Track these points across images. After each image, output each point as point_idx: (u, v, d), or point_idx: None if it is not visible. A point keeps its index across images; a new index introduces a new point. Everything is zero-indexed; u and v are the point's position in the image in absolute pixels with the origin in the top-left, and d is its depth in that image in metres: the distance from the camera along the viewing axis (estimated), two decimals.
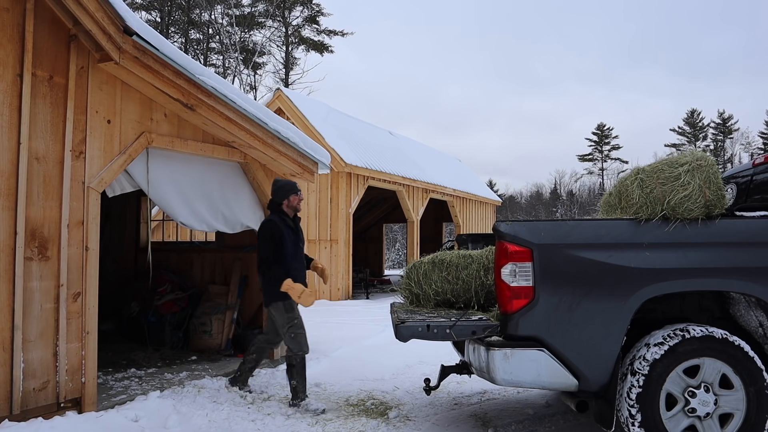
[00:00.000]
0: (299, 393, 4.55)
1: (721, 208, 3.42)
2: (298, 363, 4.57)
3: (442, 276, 4.07)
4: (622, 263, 3.26)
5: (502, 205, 29.95)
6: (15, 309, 3.73)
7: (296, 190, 4.82)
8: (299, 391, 4.55)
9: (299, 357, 4.57)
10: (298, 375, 4.56)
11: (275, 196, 4.80)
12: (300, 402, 4.51)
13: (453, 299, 4.06)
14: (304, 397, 4.55)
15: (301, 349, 4.57)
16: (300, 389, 4.55)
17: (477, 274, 4.00)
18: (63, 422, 3.80)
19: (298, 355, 4.57)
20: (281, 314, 4.60)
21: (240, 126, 5.18)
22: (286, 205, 4.77)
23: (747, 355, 3.24)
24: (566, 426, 4.16)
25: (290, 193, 4.78)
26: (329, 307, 11.56)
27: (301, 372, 4.57)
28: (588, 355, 3.25)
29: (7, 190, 3.73)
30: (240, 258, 6.69)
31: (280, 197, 4.77)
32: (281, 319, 4.60)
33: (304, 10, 37.36)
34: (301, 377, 4.56)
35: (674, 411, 3.22)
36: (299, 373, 4.57)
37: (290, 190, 4.78)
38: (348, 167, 12.72)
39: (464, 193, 18.96)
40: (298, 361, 4.57)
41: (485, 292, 3.99)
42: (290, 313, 4.59)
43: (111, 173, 4.35)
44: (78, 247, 4.13)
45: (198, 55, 36.37)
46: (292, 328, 4.58)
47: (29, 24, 3.83)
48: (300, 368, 4.57)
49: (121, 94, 4.46)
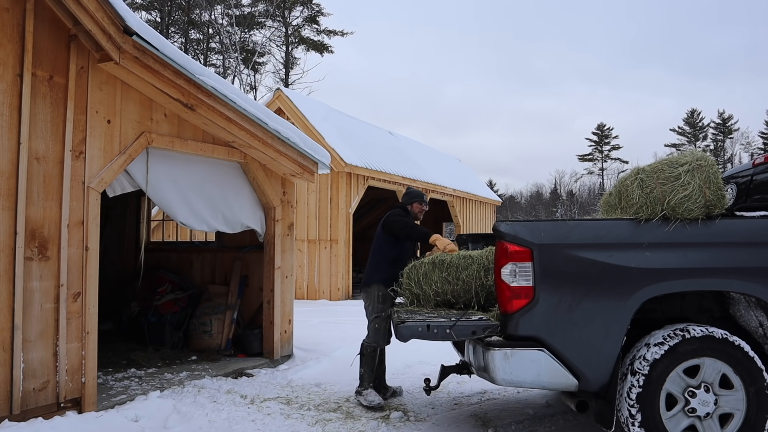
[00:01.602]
0: (364, 381, 4.70)
1: (721, 208, 3.42)
2: (369, 353, 4.73)
3: (443, 277, 4.06)
4: (622, 263, 3.26)
5: (502, 205, 29.95)
6: (15, 309, 3.73)
7: (421, 199, 5.06)
8: (365, 380, 4.70)
9: (372, 348, 4.72)
10: (367, 365, 4.72)
11: (403, 199, 5.11)
12: (363, 390, 4.66)
13: (453, 300, 4.06)
14: (367, 386, 4.68)
15: (376, 342, 4.70)
16: (366, 378, 4.70)
17: (477, 275, 3.99)
18: (63, 422, 3.80)
19: (372, 346, 4.72)
20: (374, 302, 4.70)
21: (240, 126, 5.18)
22: (409, 209, 5.01)
23: (747, 355, 3.24)
24: (566, 426, 4.16)
25: (414, 200, 5.03)
26: (329, 307, 11.57)
27: (370, 362, 4.72)
28: (588, 355, 3.25)
29: (7, 190, 3.73)
30: (240, 258, 6.69)
31: (406, 201, 5.05)
32: (372, 307, 4.73)
33: (304, 10, 37.39)
34: (369, 367, 4.71)
35: (674, 411, 3.22)
36: (368, 363, 4.72)
37: (415, 197, 5.05)
38: (348, 167, 12.72)
39: (464, 193, 18.96)
40: (369, 352, 4.73)
41: (485, 293, 3.99)
42: (382, 305, 4.67)
43: (111, 173, 4.35)
44: (78, 247, 4.13)
45: (198, 55, 36.38)
46: (378, 319, 4.68)
47: (29, 24, 3.83)
48: (369, 358, 4.72)
49: (121, 94, 4.46)
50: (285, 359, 6.21)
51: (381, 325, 4.68)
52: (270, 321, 6.15)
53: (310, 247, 13.44)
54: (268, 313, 6.18)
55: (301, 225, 13.39)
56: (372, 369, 4.71)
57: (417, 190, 5.18)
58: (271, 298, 6.16)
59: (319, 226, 13.43)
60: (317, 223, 13.46)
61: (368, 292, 4.75)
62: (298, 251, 13.03)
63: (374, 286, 4.69)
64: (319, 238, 13.41)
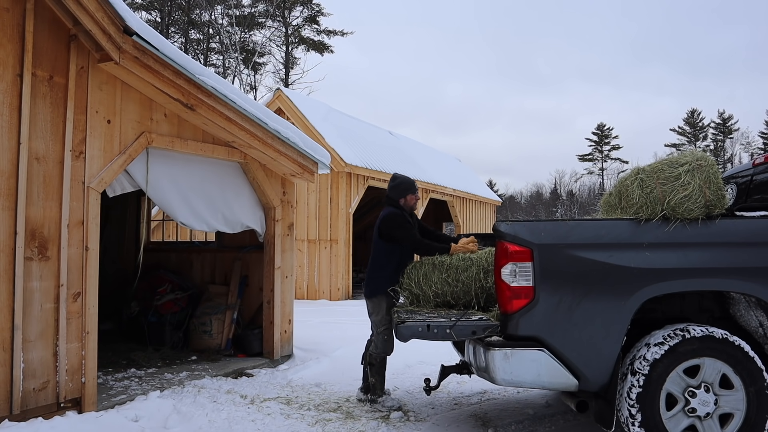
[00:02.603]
0: (377, 390, 4.64)
1: (721, 208, 3.42)
2: (378, 363, 4.64)
3: (442, 278, 4.07)
4: (622, 263, 3.26)
5: (502, 205, 29.95)
6: (15, 309, 3.73)
7: (414, 189, 4.65)
8: (377, 388, 4.64)
9: (380, 357, 4.63)
10: (377, 374, 4.65)
11: (392, 192, 4.64)
12: (377, 398, 4.61)
13: (452, 301, 4.06)
14: (381, 394, 4.63)
15: (385, 351, 4.59)
16: (378, 386, 4.64)
17: (477, 277, 3.99)
18: (63, 422, 3.80)
19: (380, 355, 4.62)
20: (379, 313, 4.51)
21: (240, 126, 5.18)
22: (402, 203, 4.63)
23: (747, 355, 3.24)
24: (566, 426, 4.16)
25: (407, 192, 4.61)
26: (329, 307, 11.56)
27: (380, 371, 4.65)
28: (588, 355, 3.25)
29: (7, 190, 3.73)
30: (240, 258, 6.69)
31: (397, 195, 4.62)
32: (378, 317, 4.54)
33: (304, 10, 37.39)
34: (380, 376, 4.65)
35: (674, 411, 3.22)
36: (378, 372, 4.65)
37: (407, 189, 4.62)
38: (348, 167, 12.72)
39: (464, 193, 18.96)
40: (378, 362, 4.64)
41: (485, 295, 3.98)
42: (389, 315, 4.46)
43: (111, 173, 4.35)
44: (78, 247, 4.13)
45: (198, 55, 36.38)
46: (387, 330, 4.53)
47: (29, 24, 3.83)
48: (379, 367, 4.64)
49: (121, 94, 4.46)
50: (285, 359, 6.21)
51: (390, 336, 4.53)
52: (270, 321, 6.15)
53: (310, 247, 13.44)
54: (268, 313, 6.18)
55: (301, 225, 13.39)
56: (383, 377, 4.65)
57: (406, 177, 4.71)
58: (271, 298, 6.16)
59: (319, 226, 13.43)
60: (317, 223, 13.46)
61: (374, 302, 4.52)
62: (298, 251, 13.03)
63: (381, 297, 4.46)
64: (319, 238, 13.41)
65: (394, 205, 4.63)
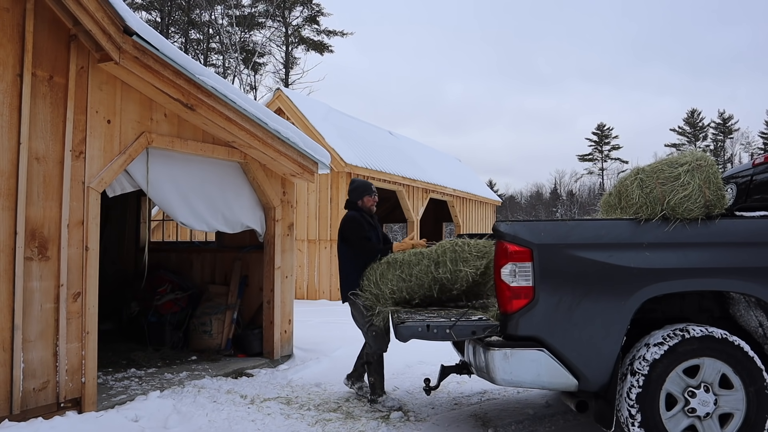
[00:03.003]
0: (377, 389, 4.62)
1: (721, 208, 3.42)
2: (375, 361, 4.63)
3: (396, 275, 4.21)
4: (622, 263, 3.26)
5: (502, 205, 29.95)
6: (15, 309, 3.73)
7: (371, 191, 4.86)
8: (377, 387, 4.62)
9: (377, 355, 4.62)
10: (376, 372, 4.63)
11: (351, 195, 4.87)
12: (378, 398, 4.58)
13: (408, 297, 4.18)
14: (381, 393, 4.60)
15: (379, 348, 4.59)
16: (377, 386, 4.61)
17: (428, 270, 4.11)
18: (63, 422, 3.80)
19: (377, 353, 4.62)
20: (360, 313, 4.57)
21: (240, 126, 5.18)
22: (360, 205, 4.84)
23: (747, 355, 3.24)
24: (566, 426, 4.16)
25: (364, 195, 4.84)
26: (329, 307, 11.56)
27: (378, 369, 4.63)
28: (588, 355, 3.25)
29: (7, 190, 3.74)
30: (240, 258, 6.69)
31: (355, 197, 4.85)
32: (361, 318, 4.60)
33: (304, 10, 37.40)
34: (379, 374, 4.63)
35: (674, 411, 3.22)
36: (377, 370, 4.63)
37: (364, 191, 4.85)
38: (348, 167, 12.72)
39: (464, 193, 18.96)
40: (376, 359, 4.63)
41: (438, 286, 4.12)
42: (369, 312, 4.52)
43: (111, 173, 4.36)
44: (78, 247, 4.13)
45: (198, 55, 36.38)
46: (372, 326, 4.54)
47: (29, 24, 3.83)
48: (377, 365, 4.63)
49: (121, 94, 4.47)
50: (285, 359, 6.21)
51: (378, 330, 4.54)
52: (270, 321, 6.15)
53: (310, 247, 13.44)
54: (268, 313, 6.18)
55: (301, 225, 13.40)
56: (381, 375, 4.65)
57: (363, 180, 4.97)
58: (271, 298, 6.16)
59: (319, 226, 13.43)
60: (317, 223, 13.46)
61: (350, 305, 4.68)
62: (298, 251, 13.03)
63: (352, 301, 4.61)
64: (319, 238, 13.41)
65: (354, 208, 4.85)
